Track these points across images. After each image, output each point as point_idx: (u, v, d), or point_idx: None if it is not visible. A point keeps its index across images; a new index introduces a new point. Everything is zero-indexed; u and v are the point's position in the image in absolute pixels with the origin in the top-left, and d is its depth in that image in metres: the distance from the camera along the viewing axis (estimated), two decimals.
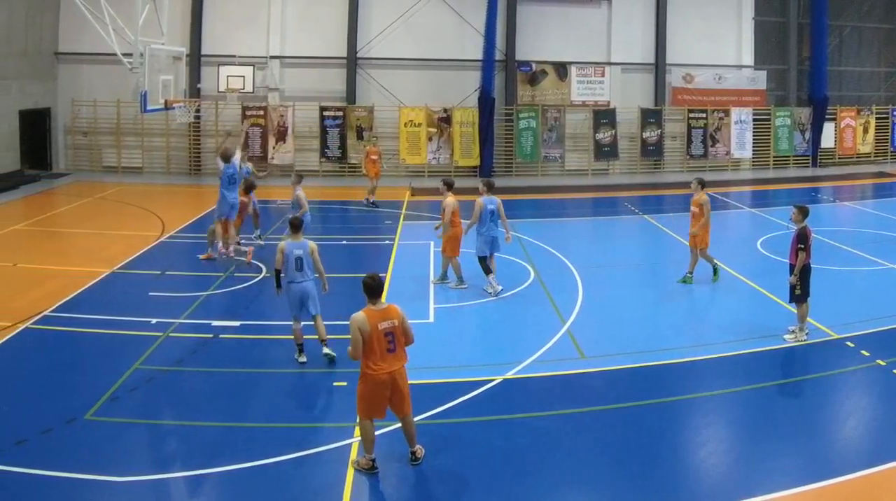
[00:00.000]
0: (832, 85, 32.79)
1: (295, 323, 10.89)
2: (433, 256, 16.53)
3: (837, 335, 11.90)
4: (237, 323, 12.57)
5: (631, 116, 31.42)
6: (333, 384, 10.09)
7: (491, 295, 13.97)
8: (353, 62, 29.82)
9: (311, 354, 10.86)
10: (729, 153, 32.14)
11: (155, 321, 12.33)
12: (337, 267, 16.16)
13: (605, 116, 30.84)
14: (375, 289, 7.85)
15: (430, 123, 29.75)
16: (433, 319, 12.92)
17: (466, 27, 30.10)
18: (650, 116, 31.44)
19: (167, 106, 20.44)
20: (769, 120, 32.63)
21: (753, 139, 32.34)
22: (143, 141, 29.54)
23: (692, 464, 8.34)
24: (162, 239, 18.42)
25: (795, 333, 11.70)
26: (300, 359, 10.82)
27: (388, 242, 18.48)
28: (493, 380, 10.24)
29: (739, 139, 32.12)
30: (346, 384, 9.85)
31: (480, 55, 29.38)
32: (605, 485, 7.88)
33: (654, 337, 12.12)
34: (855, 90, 35.10)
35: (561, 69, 30.93)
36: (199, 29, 29.13)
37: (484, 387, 10.03)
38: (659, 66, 31.85)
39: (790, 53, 33.57)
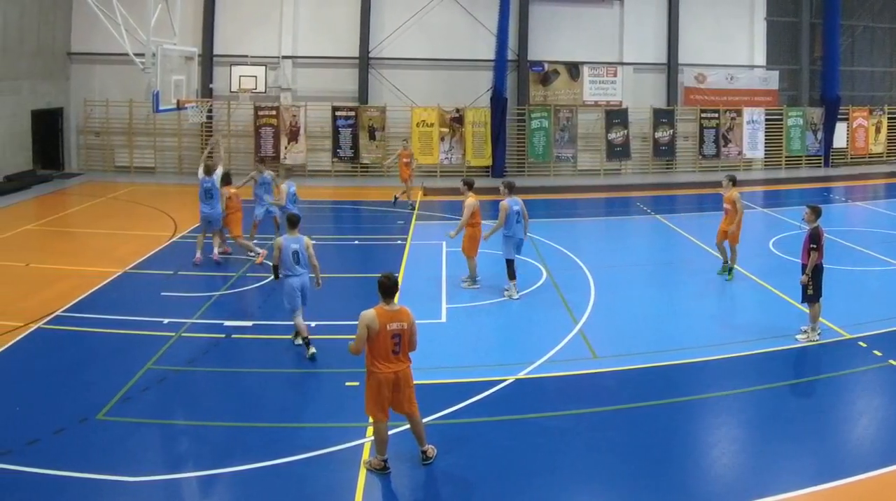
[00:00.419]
0: (844, 85, 32.59)
1: (296, 317, 10.98)
2: (445, 256, 16.54)
3: (850, 335, 11.84)
4: (249, 323, 12.60)
5: (643, 116, 31.34)
6: (345, 384, 10.05)
7: (506, 298, 13.96)
8: (365, 62, 29.86)
9: (303, 352, 10.92)
10: (741, 153, 32.01)
11: (167, 321, 12.35)
12: (349, 267, 16.22)
13: (617, 116, 30.78)
14: (390, 289, 7.85)
15: (442, 123, 29.73)
16: (445, 319, 12.90)
17: (479, 27, 30.09)
18: (662, 116, 31.35)
19: (179, 106, 20.48)
20: (781, 120, 32.48)
21: (765, 139, 32.22)
22: (155, 141, 29.66)
23: (704, 464, 8.31)
24: (174, 239, 18.45)
25: (808, 333, 11.65)
26: (309, 352, 10.86)
27: (400, 242, 18.48)
28: (505, 380, 10.22)
29: (751, 139, 32.00)
30: (357, 384, 9.76)
31: (493, 55, 29.34)
32: (616, 485, 7.86)
33: (665, 337, 12.08)
34: (867, 90, 34.88)
35: (573, 69, 30.87)
36: (211, 29, 29.25)
37: (496, 387, 10.01)
38: (671, 66, 31.76)
39: (802, 53, 33.43)
